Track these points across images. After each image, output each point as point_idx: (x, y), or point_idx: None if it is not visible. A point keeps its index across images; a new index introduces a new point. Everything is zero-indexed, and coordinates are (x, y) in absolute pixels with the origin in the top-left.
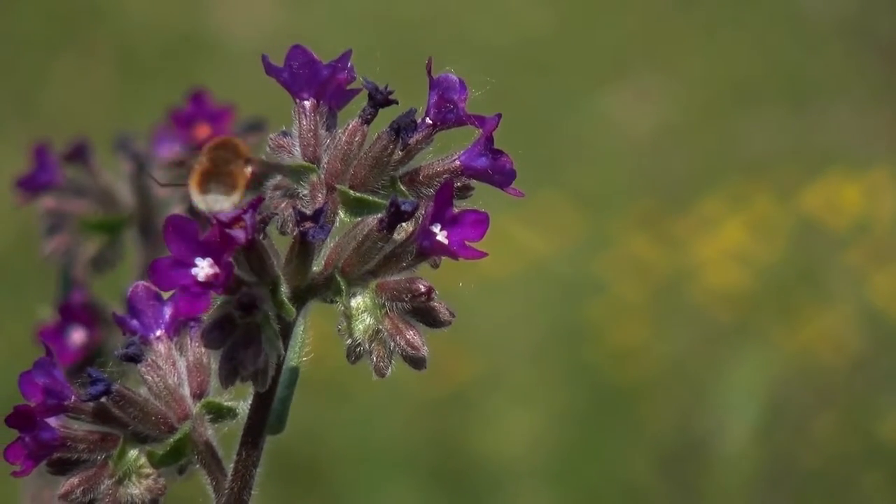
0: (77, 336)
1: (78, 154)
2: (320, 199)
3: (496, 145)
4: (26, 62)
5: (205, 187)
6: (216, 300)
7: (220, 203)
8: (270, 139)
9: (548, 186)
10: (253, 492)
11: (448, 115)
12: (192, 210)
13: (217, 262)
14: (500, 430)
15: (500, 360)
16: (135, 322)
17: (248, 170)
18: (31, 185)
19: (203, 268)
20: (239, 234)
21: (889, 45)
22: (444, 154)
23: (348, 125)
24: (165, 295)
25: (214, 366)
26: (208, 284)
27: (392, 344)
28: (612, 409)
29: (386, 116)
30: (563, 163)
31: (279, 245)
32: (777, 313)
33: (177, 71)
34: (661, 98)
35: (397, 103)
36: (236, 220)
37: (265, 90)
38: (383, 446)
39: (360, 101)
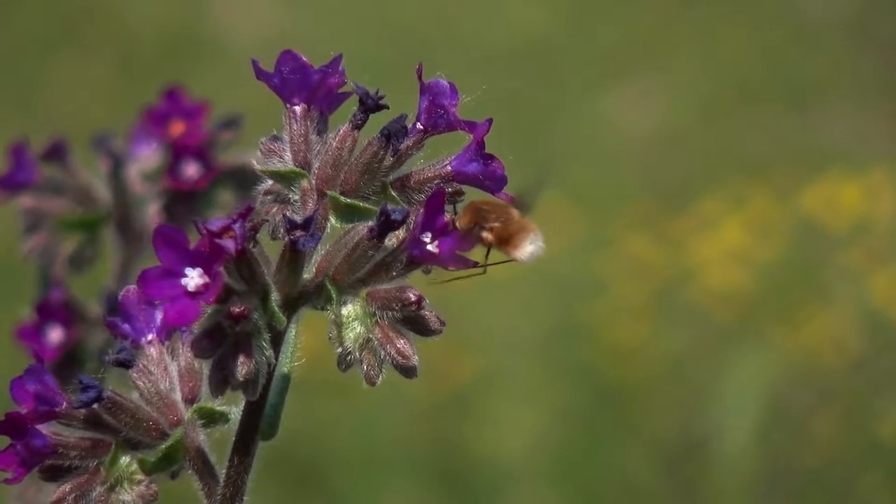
0: (55, 335)
1: (55, 153)
2: (311, 205)
3: (492, 147)
4: (26, 62)
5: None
6: (206, 309)
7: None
8: (262, 144)
9: (548, 187)
10: (245, 498)
11: (439, 120)
12: (169, 208)
13: (207, 271)
14: (500, 431)
15: (501, 360)
16: (126, 326)
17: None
18: (9, 184)
19: (193, 277)
20: (229, 243)
21: (889, 44)
22: (435, 159)
23: (339, 130)
24: None
25: (206, 370)
26: (198, 294)
27: (382, 353)
28: (613, 410)
29: (378, 121)
30: (563, 163)
31: (270, 250)
32: (777, 313)
33: (177, 71)
34: (661, 98)
35: (388, 108)
36: (226, 229)
37: (265, 90)
38: (384, 447)
39: (353, 104)
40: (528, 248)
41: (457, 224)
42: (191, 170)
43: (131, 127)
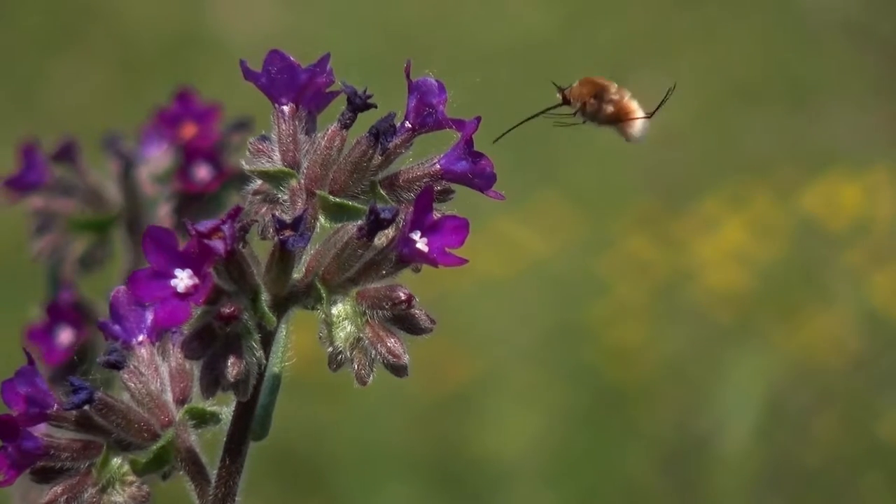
0: (65, 336)
1: (65, 153)
2: (300, 204)
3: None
4: (26, 62)
5: None
6: (196, 310)
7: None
8: (250, 144)
9: (548, 186)
10: (237, 498)
11: (427, 118)
12: (179, 210)
13: (197, 273)
14: (500, 431)
15: (500, 360)
16: (117, 327)
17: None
18: (19, 184)
19: (182, 279)
20: (218, 244)
21: (889, 44)
22: (424, 158)
23: (327, 130)
24: None
25: (197, 370)
26: (188, 295)
27: (373, 352)
28: (612, 410)
29: (367, 120)
30: (563, 163)
31: (260, 250)
32: (777, 313)
33: (177, 71)
34: (662, 98)
35: (376, 107)
36: (215, 230)
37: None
38: (383, 447)
39: (342, 103)
40: (640, 122)
41: (566, 93)
42: (202, 172)
43: (141, 128)
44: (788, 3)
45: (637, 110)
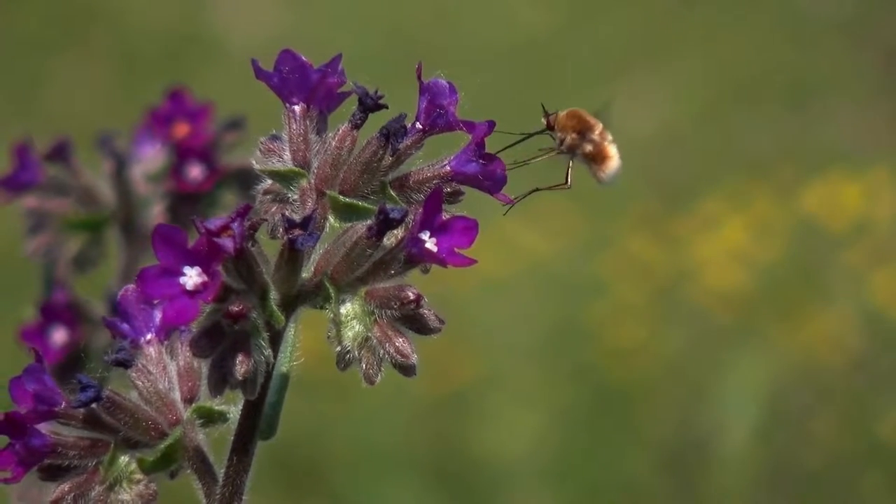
0: (59, 336)
1: (59, 153)
2: (310, 204)
3: (491, 146)
4: (26, 62)
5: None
6: (205, 308)
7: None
8: (261, 143)
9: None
10: (244, 497)
11: (438, 119)
12: (173, 209)
13: (206, 270)
14: (500, 431)
15: (501, 360)
16: (125, 326)
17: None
18: (13, 184)
19: (191, 276)
20: (227, 242)
21: (889, 44)
22: (434, 159)
23: (338, 130)
24: None
25: (205, 370)
26: (197, 293)
27: (381, 351)
28: (613, 410)
29: (377, 121)
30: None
31: (269, 249)
32: (777, 313)
33: (177, 71)
34: (662, 98)
35: (387, 108)
36: (224, 228)
37: (266, 91)
38: (384, 447)
39: (353, 104)
40: (613, 167)
41: (551, 120)
42: (195, 171)
43: (135, 128)
44: (788, 3)
45: (614, 157)
